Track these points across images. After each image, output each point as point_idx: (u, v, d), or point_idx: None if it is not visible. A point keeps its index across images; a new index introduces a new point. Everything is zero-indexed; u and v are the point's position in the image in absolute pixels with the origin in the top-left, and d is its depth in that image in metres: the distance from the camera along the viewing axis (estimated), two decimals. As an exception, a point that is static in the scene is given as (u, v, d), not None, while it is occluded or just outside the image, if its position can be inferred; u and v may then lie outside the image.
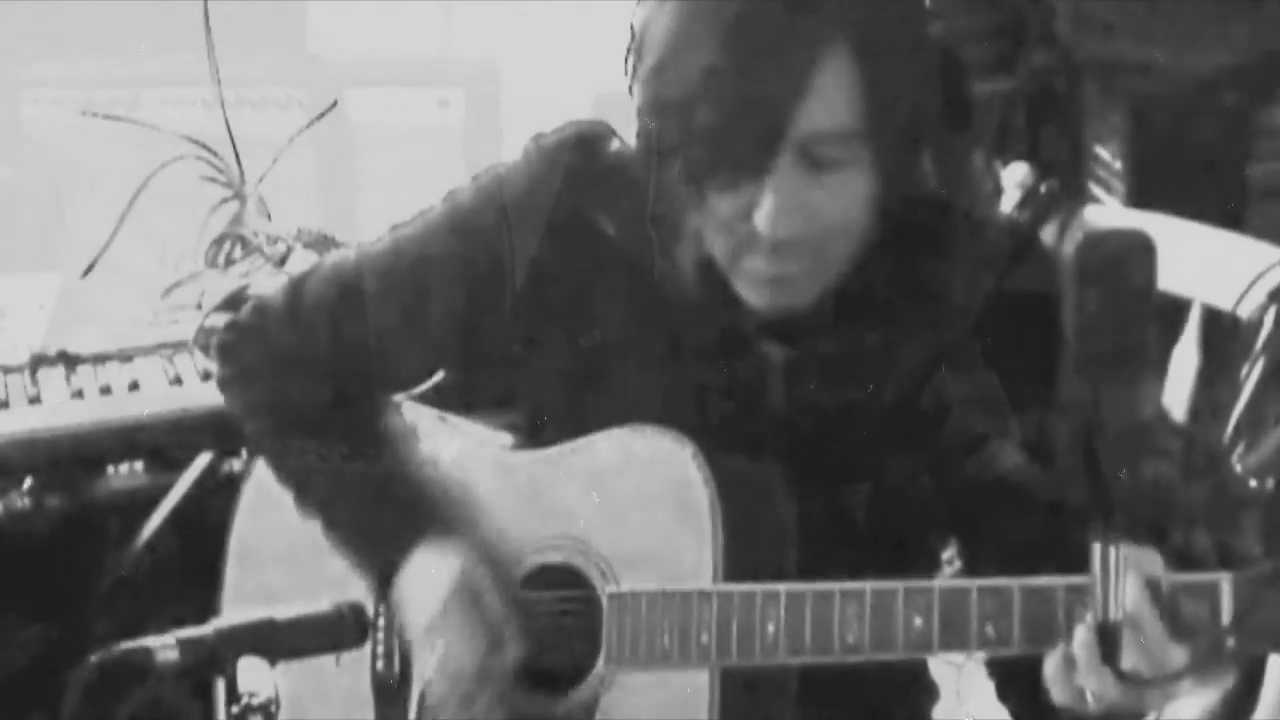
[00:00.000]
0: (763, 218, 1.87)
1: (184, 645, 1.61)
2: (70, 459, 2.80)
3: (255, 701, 1.59)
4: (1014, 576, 1.77)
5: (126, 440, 2.78)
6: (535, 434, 2.18)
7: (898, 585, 1.85)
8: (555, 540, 2.09)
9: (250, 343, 2.25)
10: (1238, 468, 1.52)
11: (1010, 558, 1.87)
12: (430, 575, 2.09)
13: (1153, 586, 1.66)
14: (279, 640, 1.66)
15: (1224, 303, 2.90)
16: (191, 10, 3.18)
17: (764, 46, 1.83)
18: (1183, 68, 3.46)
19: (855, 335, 2.00)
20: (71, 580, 2.95)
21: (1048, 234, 3.09)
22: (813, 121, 1.85)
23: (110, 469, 2.94)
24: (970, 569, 1.98)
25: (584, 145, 2.08)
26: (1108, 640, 1.61)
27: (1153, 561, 1.67)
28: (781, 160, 1.86)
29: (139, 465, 2.95)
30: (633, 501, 2.03)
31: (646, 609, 2.00)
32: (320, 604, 1.73)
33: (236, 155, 3.19)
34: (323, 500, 2.20)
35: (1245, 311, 2.89)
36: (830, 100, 1.84)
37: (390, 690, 2.16)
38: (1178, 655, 1.69)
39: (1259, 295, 2.88)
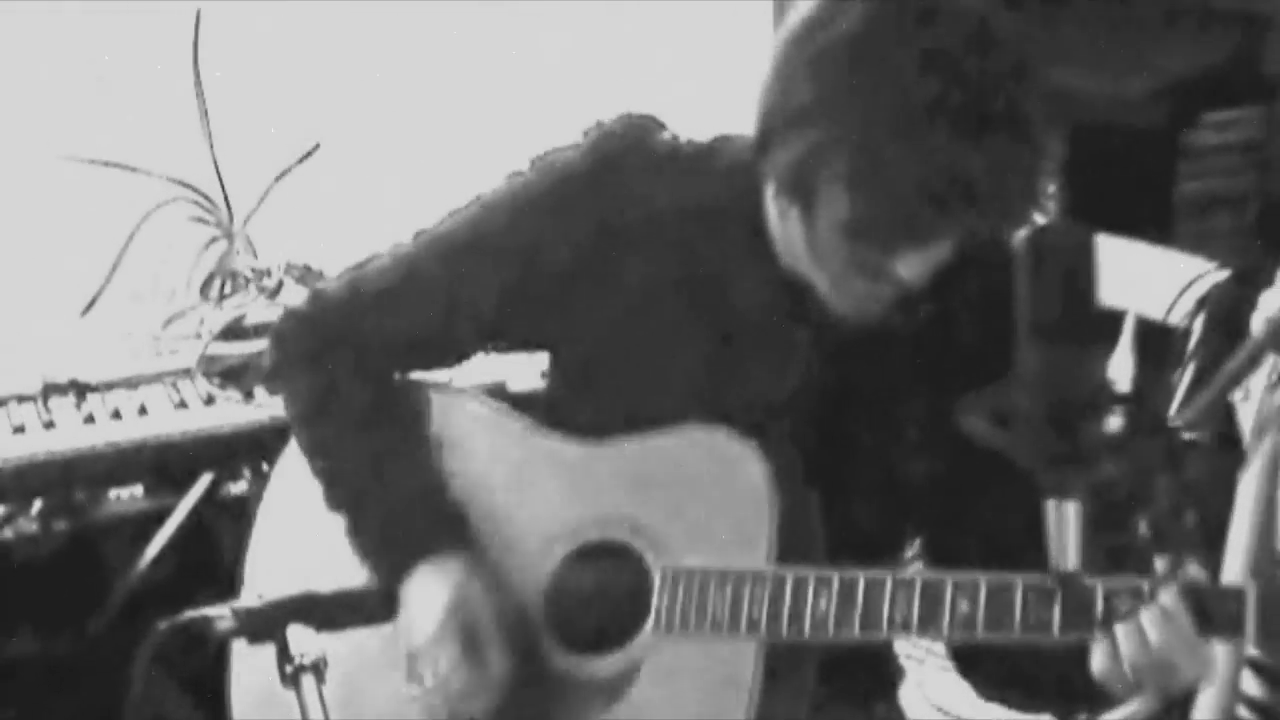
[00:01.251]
0: (910, 271, 1.96)
1: (238, 615, 1.77)
2: (85, 479, 2.90)
3: (306, 661, 1.74)
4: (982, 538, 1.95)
5: (136, 461, 2.87)
6: (563, 422, 2.25)
7: (945, 576, 1.97)
8: (606, 520, 2.19)
9: (306, 329, 2.31)
10: (1176, 422, 1.69)
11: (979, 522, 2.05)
12: (429, 594, 2.17)
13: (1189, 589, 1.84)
14: (319, 612, 1.81)
15: (1155, 312, 3.08)
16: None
17: (1000, 161, 1.91)
18: (1110, 92, 3.65)
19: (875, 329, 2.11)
20: (76, 599, 3.11)
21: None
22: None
23: (113, 494, 3.11)
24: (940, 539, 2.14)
25: (637, 134, 2.19)
26: (1070, 588, 1.77)
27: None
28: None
29: (139, 490, 3.10)
30: (694, 490, 2.13)
31: (700, 583, 2.10)
32: (355, 582, 1.89)
33: (225, 196, 3.31)
34: (350, 500, 2.27)
35: (1176, 319, 3.06)
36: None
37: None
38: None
39: (1188, 303, 3.05)
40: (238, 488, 3.05)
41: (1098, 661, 1.89)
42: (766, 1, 3.62)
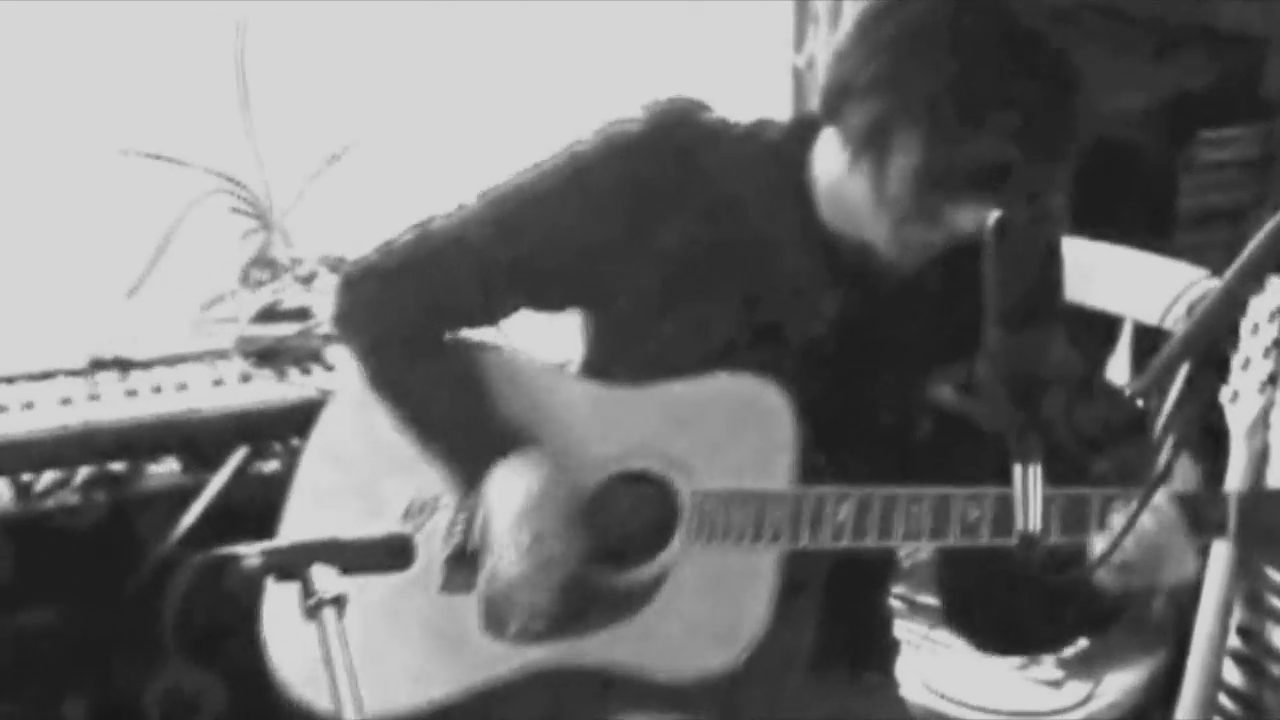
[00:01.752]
0: (965, 220, 2.16)
1: (267, 554, 1.90)
2: (125, 449, 3.04)
3: (328, 596, 1.88)
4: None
5: (175, 433, 3.02)
6: (600, 371, 2.41)
7: (957, 490, 2.14)
8: (639, 450, 2.34)
9: (373, 277, 2.46)
10: (1126, 391, 1.81)
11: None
12: (517, 479, 2.32)
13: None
14: (341, 555, 1.93)
15: (1151, 318, 3.18)
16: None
17: (1059, 125, 2.21)
18: (1114, 110, 3.72)
19: (900, 286, 2.28)
20: (112, 570, 3.19)
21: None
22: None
23: (150, 469, 3.21)
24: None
25: (691, 108, 2.38)
26: (1028, 546, 1.91)
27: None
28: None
29: (176, 466, 3.20)
30: (720, 423, 2.28)
31: (726, 502, 2.25)
32: (376, 531, 2.00)
33: (266, 190, 3.44)
34: (419, 417, 2.42)
35: (1169, 324, 3.16)
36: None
37: (465, 560, 2.39)
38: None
39: (1180, 309, 3.15)
40: (270, 464, 3.16)
41: (1095, 552, 2.05)
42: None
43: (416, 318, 2.43)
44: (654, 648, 2.23)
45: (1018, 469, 1.87)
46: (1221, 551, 2.74)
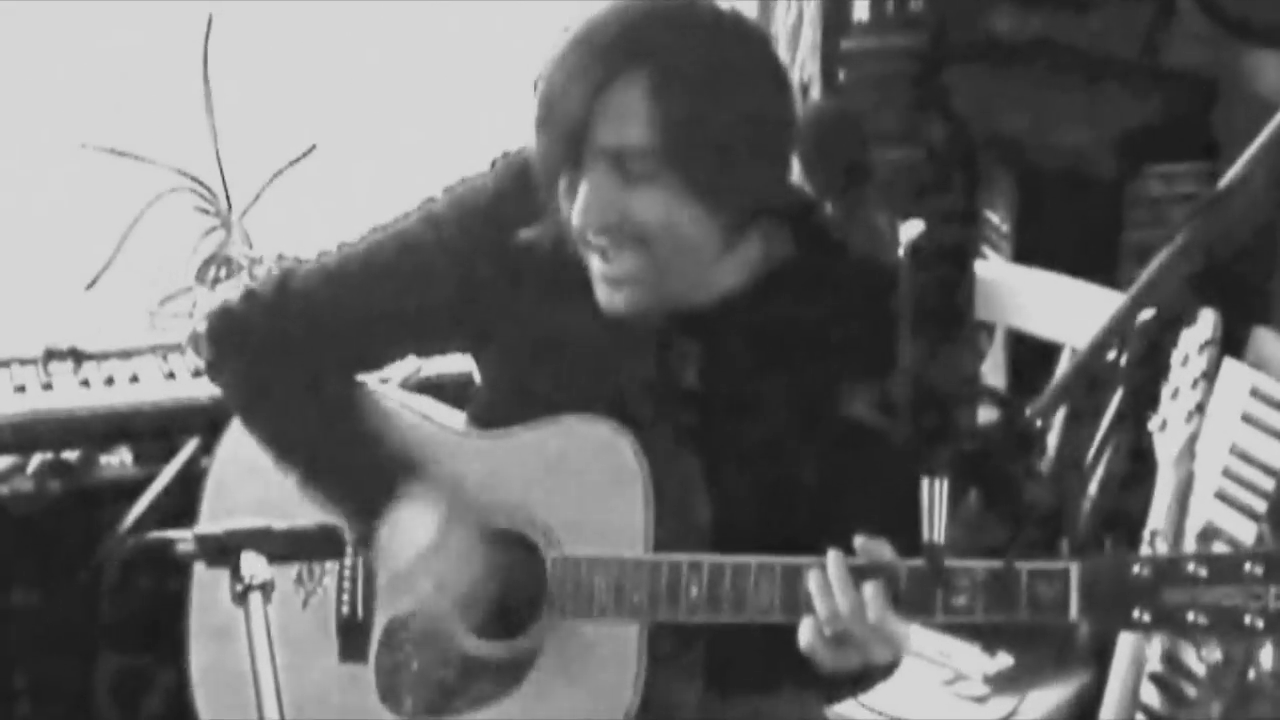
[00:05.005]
0: (576, 210, 2.14)
1: (200, 539, 1.95)
2: (78, 438, 3.08)
3: (255, 583, 1.92)
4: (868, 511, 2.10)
5: (126, 424, 3.05)
6: (486, 420, 2.37)
7: (807, 560, 2.10)
8: (507, 511, 2.30)
9: (238, 326, 2.38)
10: (1026, 411, 1.86)
11: (866, 494, 2.17)
12: (417, 519, 2.27)
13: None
14: (274, 544, 1.97)
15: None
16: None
17: (573, 71, 2.10)
18: (1063, 143, 3.75)
19: (759, 336, 2.23)
20: (67, 557, 3.22)
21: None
22: (613, 136, 2.10)
23: (103, 460, 3.27)
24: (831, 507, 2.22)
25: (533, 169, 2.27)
26: (933, 557, 1.97)
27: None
28: (592, 165, 2.11)
29: (128, 457, 3.26)
30: (577, 479, 2.25)
31: (585, 572, 2.23)
32: (307, 521, 2.04)
33: (225, 189, 3.47)
34: (304, 463, 2.37)
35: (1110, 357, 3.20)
36: (624, 119, 2.09)
37: (355, 627, 2.37)
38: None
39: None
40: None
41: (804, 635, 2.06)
42: (751, 1, 3.73)
43: (286, 363, 2.38)
44: None
45: (925, 482, 1.92)
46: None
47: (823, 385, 2.21)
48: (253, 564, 1.92)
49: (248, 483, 2.45)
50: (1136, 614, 2.00)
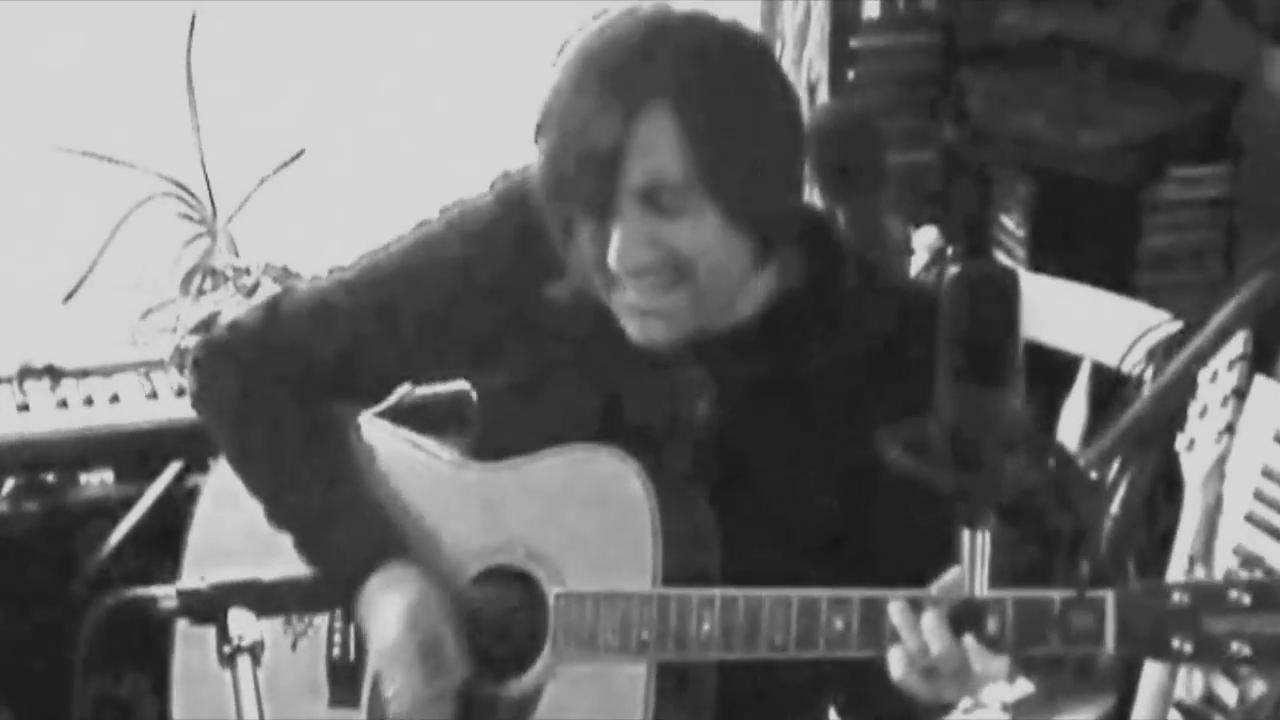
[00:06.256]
0: (611, 255, 2.06)
1: (183, 595, 1.84)
2: (54, 462, 3.01)
3: (244, 644, 1.81)
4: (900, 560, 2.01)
5: (106, 447, 2.98)
6: (485, 450, 2.30)
7: (821, 592, 2.03)
8: (506, 545, 2.24)
9: (224, 358, 2.33)
10: (1080, 461, 1.76)
11: (898, 544, 2.09)
12: (387, 603, 2.21)
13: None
14: (264, 597, 1.88)
15: (1110, 360, 3.14)
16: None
17: (591, 112, 2.02)
18: (1080, 145, 3.69)
19: (773, 365, 2.17)
20: (45, 580, 3.15)
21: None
22: (643, 174, 2.03)
23: (83, 478, 3.16)
24: (861, 558, 2.15)
25: (535, 189, 2.17)
26: (974, 614, 1.85)
27: None
28: (625, 205, 2.05)
29: (109, 476, 3.16)
30: (580, 511, 2.18)
31: (590, 608, 2.15)
32: (300, 571, 1.96)
33: (210, 195, 3.41)
34: (291, 515, 2.30)
35: (1128, 368, 3.13)
36: (653, 154, 2.01)
37: (346, 672, 2.30)
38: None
39: (1139, 354, 3.11)
40: (206, 477, 3.00)
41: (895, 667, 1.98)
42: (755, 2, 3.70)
43: (271, 399, 2.31)
44: None
45: (966, 534, 1.82)
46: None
47: (842, 418, 2.16)
48: (241, 623, 1.82)
49: (236, 514, 2.39)
50: (1176, 644, 1.90)
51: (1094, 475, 1.76)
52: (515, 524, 2.23)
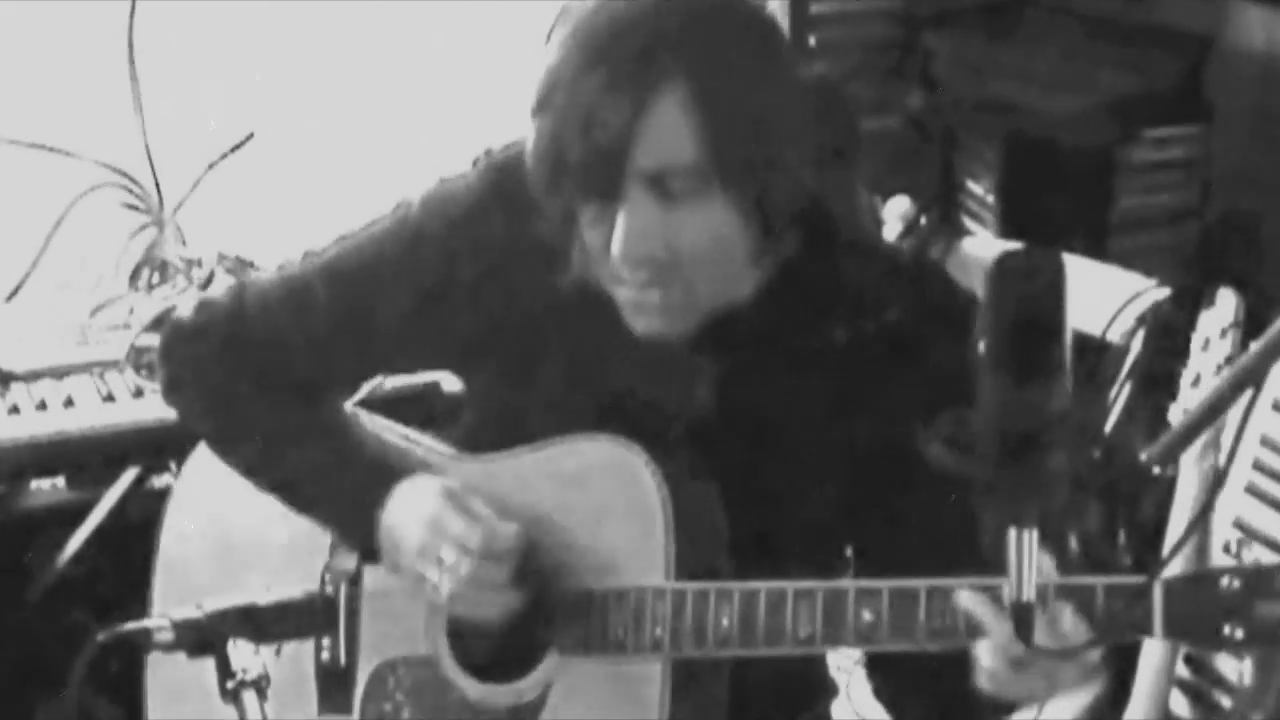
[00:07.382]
0: (615, 241, 1.99)
1: (178, 627, 1.74)
2: (7, 471, 2.88)
3: (248, 678, 1.71)
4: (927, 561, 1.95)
5: (62, 454, 2.86)
6: (477, 442, 2.24)
7: (848, 584, 1.98)
8: None
9: (194, 342, 2.28)
10: (1142, 456, 1.69)
11: (925, 545, 2.03)
12: (411, 504, 2.14)
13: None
14: (261, 623, 1.78)
15: (1093, 328, 3.09)
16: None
17: (599, 94, 1.95)
18: (1050, 108, 3.65)
19: (772, 345, 2.11)
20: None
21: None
22: (655, 156, 1.96)
23: (34, 485, 3.07)
24: (881, 559, 2.10)
25: (520, 166, 2.10)
26: (1021, 618, 1.75)
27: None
28: (631, 190, 1.98)
29: (61, 481, 3.06)
30: (587, 502, 2.12)
31: (600, 605, 2.09)
32: (295, 592, 1.85)
33: (157, 183, 3.31)
34: (293, 471, 2.25)
35: (1114, 336, 3.07)
36: (668, 137, 1.95)
37: (336, 674, 2.24)
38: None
39: (1127, 320, 3.06)
40: (163, 482, 2.98)
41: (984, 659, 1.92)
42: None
43: (250, 379, 2.25)
44: None
45: (1012, 533, 1.72)
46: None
47: (846, 394, 2.11)
48: (243, 655, 1.71)
49: (206, 526, 2.38)
50: (1228, 631, 1.88)
51: (1156, 471, 1.67)
52: (518, 516, 2.15)
